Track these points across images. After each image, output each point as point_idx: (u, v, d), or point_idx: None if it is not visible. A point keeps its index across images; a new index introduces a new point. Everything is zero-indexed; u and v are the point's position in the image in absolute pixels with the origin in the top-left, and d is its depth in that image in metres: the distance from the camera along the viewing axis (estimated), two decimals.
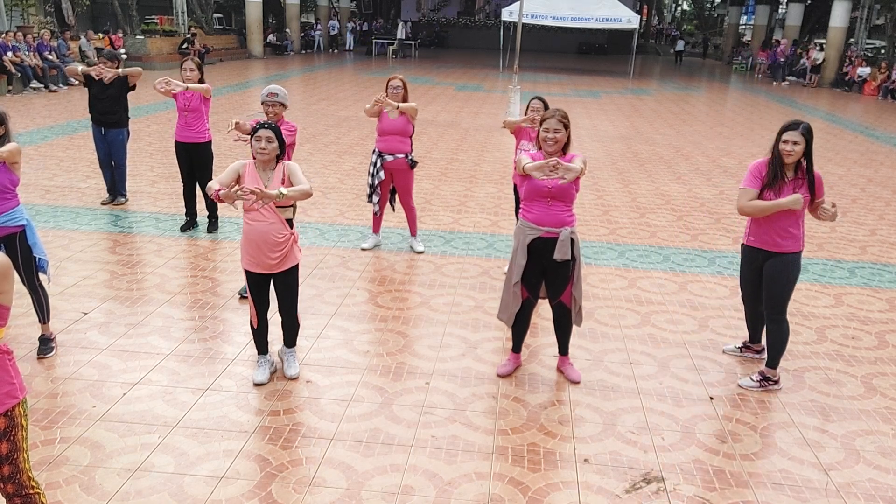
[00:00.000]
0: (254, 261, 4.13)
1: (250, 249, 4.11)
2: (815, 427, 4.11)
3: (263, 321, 4.33)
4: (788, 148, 4.14)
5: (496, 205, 8.44)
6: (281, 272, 4.18)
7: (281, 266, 4.14)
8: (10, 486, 2.54)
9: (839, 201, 9.34)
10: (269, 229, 4.04)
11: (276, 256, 4.10)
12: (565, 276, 4.31)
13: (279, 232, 4.07)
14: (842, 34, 25.56)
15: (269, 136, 4.01)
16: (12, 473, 2.52)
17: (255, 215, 4.05)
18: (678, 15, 58.40)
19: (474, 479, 3.51)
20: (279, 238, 4.07)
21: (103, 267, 6.03)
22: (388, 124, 6.33)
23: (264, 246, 4.06)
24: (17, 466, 2.53)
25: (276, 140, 4.03)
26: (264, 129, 4.03)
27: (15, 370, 2.49)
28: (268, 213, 4.03)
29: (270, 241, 4.06)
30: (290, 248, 4.13)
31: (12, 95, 15.89)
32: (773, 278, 4.39)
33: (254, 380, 4.32)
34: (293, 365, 4.42)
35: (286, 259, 4.14)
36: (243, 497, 3.32)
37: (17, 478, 2.54)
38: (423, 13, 41.74)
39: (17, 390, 2.48)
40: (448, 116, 15.28)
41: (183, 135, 6.81)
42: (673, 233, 7.70)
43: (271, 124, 4.07)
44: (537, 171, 3.97)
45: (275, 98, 5.23)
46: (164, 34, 26.68)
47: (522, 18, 15.03)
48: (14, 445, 2.50)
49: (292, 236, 4.14)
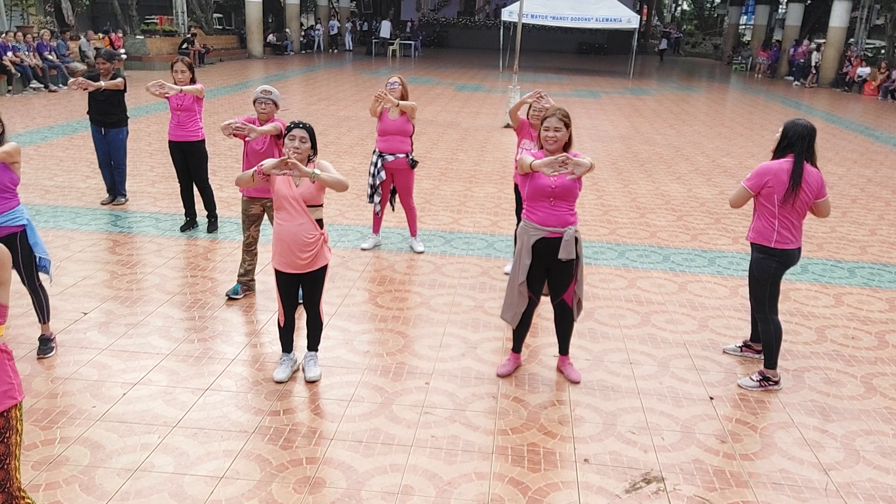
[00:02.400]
0: (284, 261, 4.13)
1: (281, 249, 4.10)
2: (815, 427, 4.11)
3: (290, 320, 4.34)
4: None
5: (496, 205, 8.44)
6: (310, 272, 4.18)
7: (311, 266, 4.14)
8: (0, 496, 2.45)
9: (839, 201, 9.35)
10: (300, 230, 4.04)
11: (307, 257, 4.09)
12: (569, 275, 4.31)
13: (309, 232, 4.06)
14: (842, 34, 25.54)
15: (303, 135, 4.01)
16: (3, 480, 2.43)
17: (285, 215, 4.05)
18: (678, 15, 58.36)
19: (474, 479, 3.51)
20: (309, 238, 4.06)
21: (103, 267, 6.03)
22: (389, 124, 6.33)
23: (294, 246, 4.06)
24: (9, 473, 2.43)
25: (309, 140, 4.03)
26: (299, 128, 4.02)
27: (14, 371, 2.44)
28: (298, 214, 4.02)
29: (300, 242, 4.05)
30: (320, 248, 4.13)
31: (12, 95, 15.90)
32: (749, 273, 4.54)
33: (274, 377, 4.34)
34: (314, 368, 4.40)
35: (316, 259, 4.14)
36: (243, 497, 3.32)
37: (7, 486, 2.45)
38: (423, 13, 41.75)
39: (15, 391, 2.43)
40: (448, 116, 15.28)
41: (176, 134, 6.80)
42: (673, 233, 7.70)
43: (305, 123, 4.06)
44: (547, 168, 3.96)
45: (268, 96, 5.24)
46: (164, 34, 26.67)
47: (522, 18, 15.02)
48: (7, 449, 2.42)
49: (322, 237, 4.14)
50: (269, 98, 5.22)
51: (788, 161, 4.23)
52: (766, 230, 4.33)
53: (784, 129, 4.28)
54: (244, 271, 5.53)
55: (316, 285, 4.27)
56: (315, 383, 4.34)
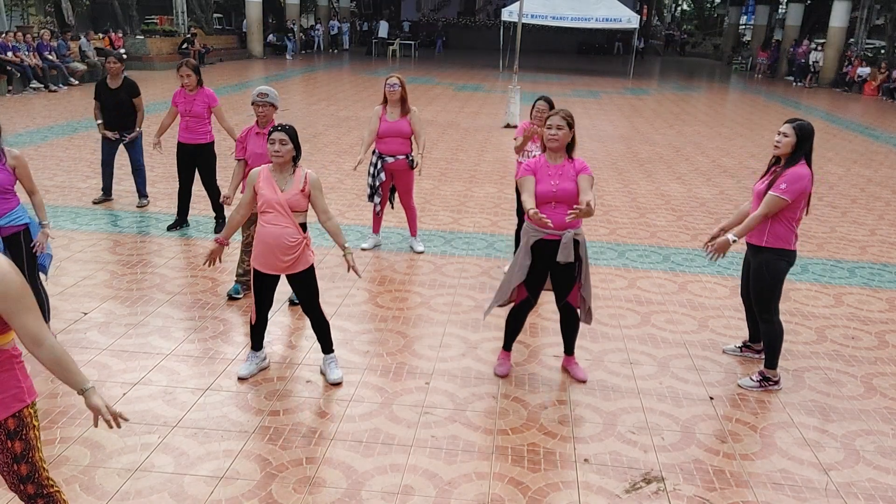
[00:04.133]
0: (265, 262, 4.13)
1: (263, 250, 4.10)
2: (814, 427, 4.11)
3: (262, 319, 4.33)
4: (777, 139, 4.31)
5: (496, 205, 8.44)
6: (296, 274, 4.18)
7: (292, 269, 4.15)
8: (30, 487, 2.51)
9: (839, 201, 9.35)
10: (283, 233, 4.04)
11: (288, 259, 4.09)
12: (570, 278, 4.30)
13: (292, 236, 4.06)
14: (842, 34, 25.55)
15: (282, 138, 3.99)
16: (30, 472, 2.48)
17: (269, 218, 4.05)
18: (678, 15, 58.34)
19: (474, 479, 3.51)
20: (291, 242, 4.06)
21: (103, 267, 6.03)
22: (388, 126, 6.32)
23: (276, 248, 4.06)
24: (35, 465, 2.49)
25: (290, 142, 4.01)
26: (277, 130, 3.99)
27: (23, 373, 2.44)
28: (283, 217, 4.02)
29: (283, 245, 4.06)
30: (302, 251, 4.12)
31: (12, 95, 15.89)
32: (755, 276, 4.46)
33: (238, 373, 4.33)
34: (335, 370, 4.38)
35: (298, 262, 4.14)
36: (243, 497, 3.32)
37: (36, 476, 2.51)
38: (423, 13, 41.76)
39: (24, 393, 2.43)
40: (448, 116, 15.28)
41: (185, 136, 6.82)
42: (673, 233, 7.70)
43: (285, 126, 4.05)
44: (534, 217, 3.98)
45: (265, 98, 5.21)
46: (164, 34, 26.68)
47: (522, 18, 15.01)
48: (28, 444, 2.46)
49: (305, 240, 4.14)
50: (266, 100, 5.21)
51: (804, 165, 4.24)
52: (786, 234, 4.31)
53: (801, 133, 4.22)
54: (243, 271, 5.53)
55: (306, 287, 4.26)
56: (311, 382, 4.34)
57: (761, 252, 4.39)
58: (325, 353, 4.44)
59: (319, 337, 4.41)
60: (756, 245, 4.42)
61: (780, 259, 4.34)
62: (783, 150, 4.28)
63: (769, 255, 4.35)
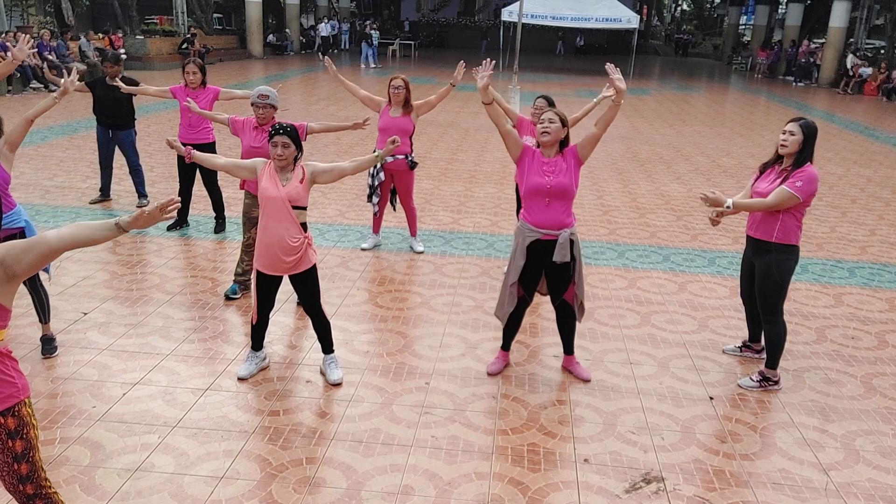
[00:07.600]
0: (268, 263, 4.13)
1: (265, 251, 4.11)
2: (814, 427, 4.11)
3: (263, 319, 4.34)
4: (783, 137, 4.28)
5: (496, 205, 8.44)
6: (298, 274, 4.19)
7: (295, 269, 4.16)
8: (29, 487, 2.51)
9: (839, 201, 9.35)
10: (284, 233, 4.05)
11: (291, 260, 4.10)
12: (567, 277, 4.30)
13: (293, 236, 4.07)
14: (842, 34, 25.55)
15: (284, 141, 4.01)
16: (30, 472, 2.50)
17: (270, 218, 4.06)
18: (678, 15, 58.34)
19: (474, 479, 3.51)
20: (293, 242, 4.07)
21: (103, 267, 6.03)
22: (389, 123, 6.32)
23: (279, 249, 4.07)
24: (34, 465, 2.51)
25: (292, 144, 4.03)
26: (279, 134, 4.00)
27: (17, 372, 2.46)
28: (283, 216, 4.03)
29: (285, 246, 4.06)
30: (304, 251, 4.13)
31: (12, 95, 15.90)
32: (762, 277, 4.40)
33: (237, 373, 4.33)
34: (335, 371, 4.39)
35: (300, 262, 4.15)
36: (243, 497, 3.32)
37: (35, 476, 2.52)
38: (422, 13, 41.76)
39: (18, 391, 2.45)
40: (448, 116, 15.28)
41: (186, 135, 6.81)
42: (673, 233, 7.70)
43: (286, 127, 4.05)
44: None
45: (266, 100, 5.20)
46: (164, 34, 26.66)
47: (522, 18, 15.01)
48: (28, 443, 2.47)
49: (306, 240, 4.15)
50: (266, 102, 5.21)
51: (812, 166, 4.24)
52: (794, 228, 4.29)
53: (807, 131, 4.20)
54: (241, 271, 5.53)
55: (308, 287, 4.27)
56: (311, 382, 4.34)
57: (769, 252, 4.32)
58: (325, 354, 4.44)
59: (320, 337, 4.41)
60: (764, 242, 4.32)
61: (789, 258, 4.32)
62: (790, 149, 4.24)
63: (778, 254, 4.30)
